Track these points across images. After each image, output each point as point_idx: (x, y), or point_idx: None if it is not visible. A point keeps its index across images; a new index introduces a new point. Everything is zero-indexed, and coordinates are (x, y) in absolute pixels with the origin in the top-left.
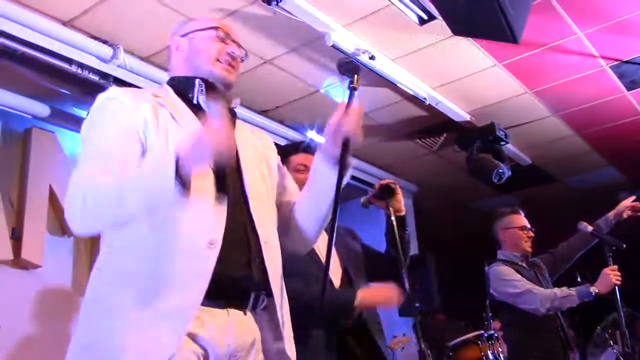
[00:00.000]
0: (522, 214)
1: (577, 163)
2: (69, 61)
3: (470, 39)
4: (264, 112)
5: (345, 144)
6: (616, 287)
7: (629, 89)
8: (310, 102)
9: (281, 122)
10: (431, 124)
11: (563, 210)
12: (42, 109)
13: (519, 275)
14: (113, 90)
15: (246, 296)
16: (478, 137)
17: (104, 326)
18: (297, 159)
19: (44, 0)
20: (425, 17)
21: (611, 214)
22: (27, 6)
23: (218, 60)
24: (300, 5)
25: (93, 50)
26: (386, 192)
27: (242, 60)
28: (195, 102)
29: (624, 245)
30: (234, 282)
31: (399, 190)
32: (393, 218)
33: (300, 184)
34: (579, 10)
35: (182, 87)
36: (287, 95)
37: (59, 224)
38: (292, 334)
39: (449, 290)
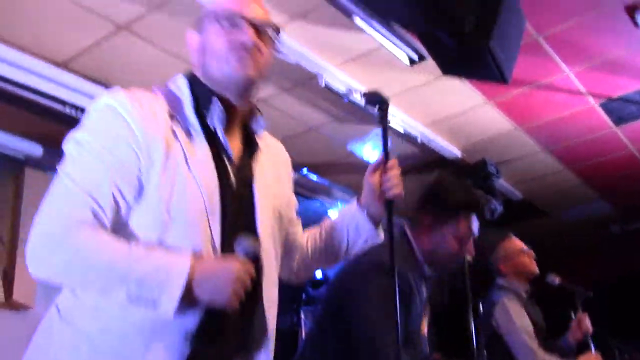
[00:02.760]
0: (515, 237)
1: (569, 197)
2: (63, 103)
3: (460, 78)
4: None
5: (390, 204)
6: (589, 336)
7: (617, 124)
8: (303, 141)
9: None
10: (423, 161)
11: (557, 243)
12: (35, 149)
13: (530, 325)
14: (120, 99)
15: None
16: (470, 173)
17: None
18: (467, 223)
19: (39, 42)
20: (416, 58)
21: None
22: (21, 48)
23: (228, 57)
24: (293, 47)
25: (88, 92)
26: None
27: (271, 39)
28: (211, 127)
29: (592, 293)
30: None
31: None
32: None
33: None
34: (567, 49)
35: (200, 99)
36: (280, 133)
37: None
38: None
39: (440, 326)
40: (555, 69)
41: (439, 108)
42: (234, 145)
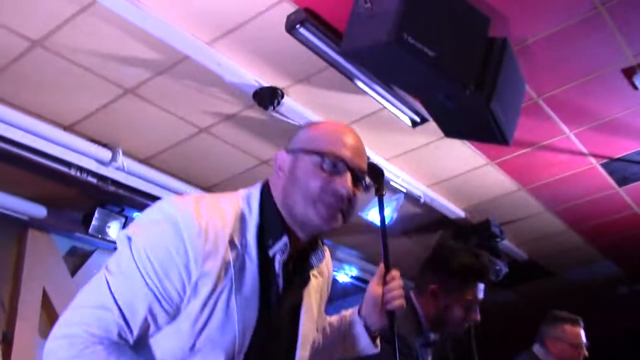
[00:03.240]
0: (582, 327)
1: (574, 257)
2: (68, 165)
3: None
4: None
5: (391, 316)
6: None
7: (620, 184)
8: None
9: None
10: (426, 221)
11: (563, 304)
12: (39, 211)
13: None
14: (187, 215)
15: None
16: (473, 234)
17: None
18: (475, 293)
19: (45, 106)
20: (418, 120)
21: None
22: (28, 111)
23: (316, 201)
24: (295, 110)
25: (92, 154)
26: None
27: (364, 190)
28: (270, 255)
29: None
30: None
31: None
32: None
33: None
34: (567, 111)
35: (267, 226)
36: None
37: (50, 328)
38: None
39: None
40: (555, 130)
41: (441, 169)
42: (285, 272)
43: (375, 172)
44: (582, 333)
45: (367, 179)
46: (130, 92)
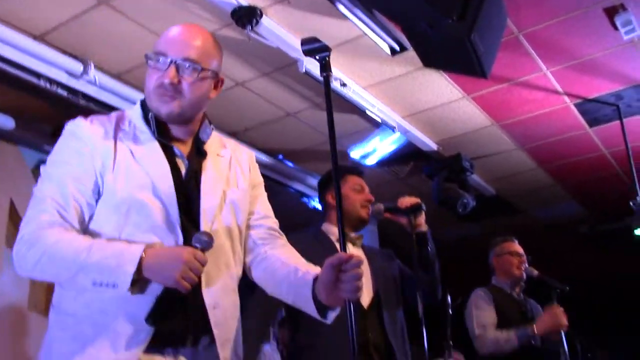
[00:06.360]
0: (516, 242)
1: (540, 196)
2: (38, 76)
3: (440, 71)
4: (233, 134)
5: (348, 302)
6: (562, 334)
7: (591, 125)
8: (281, 126)
9: (250, 144)
10: (399, 152)
11: (527, 241)
12: (7, 122)
13: (485, 315)
14: (78, 123)
15: (184, 340)
16: (444, 167)
17: None
18: (354, 179)
19: (15, 14)
20: (397, 48)
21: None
22: None
23: (152, 94)
24: (274, 31)
25: (63, 65)
26: (415, 210)
27: (196, 72)
28: (155, 137)
29: (567, 288)
30: (174, 332)
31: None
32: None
33: (358, 203)
34: (545, 48)
35: (146, 117)
36: (258, 118)
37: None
38: None
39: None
40: (533, 66)
41: (417, 100)
42: (185, 149)
43: (318, 47)
44: (517, 245)
45: (196, 64)
46: (104, 3)
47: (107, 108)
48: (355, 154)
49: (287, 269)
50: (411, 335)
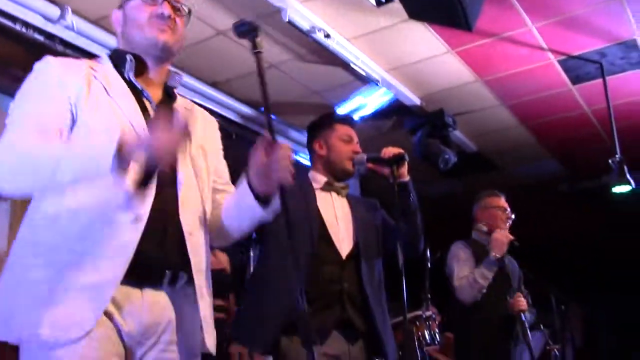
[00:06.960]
0: (503, 197)
1: (521, 153)
2: (14, 19)
3: (425, 24)
4: (214, 84)
5: (280, 189)
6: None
7: (574, 83)
8: None
9: (232, 95)
10: (383, 108)
11: (507, 199)
12: None
13: (464, 267)
14: (47, 59)
15: (162, 274)
16: (427, 122)
17: (19, 300)
18: (343, 129)
19: None
20: None
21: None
22: None
23: (145, 25)
24: None
25: (39, 9)
26: (397, 161)
27: (184, 16)
28: (127, 79)
29: (518, 243)
30: (152, 260)
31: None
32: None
33: (344, 155)
34: (531, 2)
35: (118, 61)
36: (240, 69)
37: None
38: (213, 326)
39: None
40: (518, 21)
41: (401, 53)
42: (154, 96)
43: (247, 29)
44: (505, 202)
45: (184, 6)
46: None
47: (84, 54)
48: (341, 110)
49: (231, 196)
50: (390, 288)
